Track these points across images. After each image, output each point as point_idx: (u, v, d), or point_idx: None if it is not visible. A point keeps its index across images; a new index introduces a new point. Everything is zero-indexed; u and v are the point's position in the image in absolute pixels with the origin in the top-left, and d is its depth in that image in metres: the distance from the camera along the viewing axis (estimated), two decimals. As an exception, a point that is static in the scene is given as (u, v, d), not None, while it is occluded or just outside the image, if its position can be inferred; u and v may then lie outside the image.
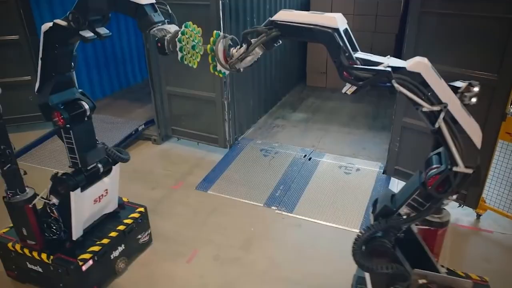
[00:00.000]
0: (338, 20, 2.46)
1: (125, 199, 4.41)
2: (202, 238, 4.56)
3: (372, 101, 8.46)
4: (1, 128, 3.28)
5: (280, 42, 2.70)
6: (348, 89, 2.53)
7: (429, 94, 2.23)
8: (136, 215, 4.20)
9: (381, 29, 8.42)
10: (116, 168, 3.99)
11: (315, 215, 4.85)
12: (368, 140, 6.71)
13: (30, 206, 3.48)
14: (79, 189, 3.58)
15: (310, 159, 6.02)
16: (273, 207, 5.06)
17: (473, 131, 2.32)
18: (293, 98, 8.84)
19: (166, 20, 2.85)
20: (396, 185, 5.42)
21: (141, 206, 4.35)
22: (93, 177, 3.74)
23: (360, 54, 2.50)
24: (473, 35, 4.23)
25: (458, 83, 2.39)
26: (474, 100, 2.37)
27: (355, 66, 2.39)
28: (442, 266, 2.93)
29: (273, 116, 7.83)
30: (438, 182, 2.35)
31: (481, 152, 2.41)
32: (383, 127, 7.05)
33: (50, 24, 3.14)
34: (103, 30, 3.19)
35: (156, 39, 2.74)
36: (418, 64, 2.26)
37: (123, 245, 3.99)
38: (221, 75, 2.78)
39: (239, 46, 2.63)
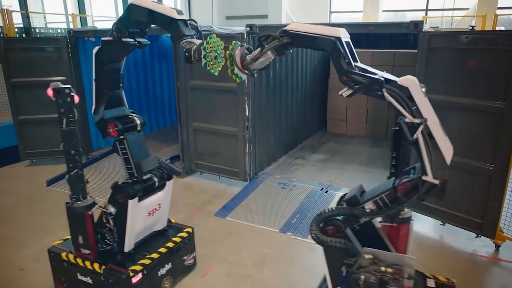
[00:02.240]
0: (341, 32, 2.85)
1: (172, 220, 4.44)
2: (217, 257, 4.66)
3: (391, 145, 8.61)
4: (74, 133, 3.44)
5: (291, 51, 3.08)
6: (345, 91, 2.86)
7: (413, 108, 2.51)
8: (184, 234, 4.21)
9: (398, 79, 8.78)
10: (169, 184, 4.09)
11: (330, 241, 4.87)
12: (385, 178, 6.75)
13: (90, 213, 3.59)
14: (136, 199, 3.68)
15: (327, 191, 6.14)
16: (288, 233, 5.13)
17: (446, 148, 2.53)
18: (313, 142, 9.13)
19: (194, 35, 3.31)
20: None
21: (189, 227, 4.36)
22: (149, 189, 3.85)
23: (359, 64, 2.84)
24: (478, 66, 4.50)
25: None
26: None
27: (354, 71, 2.73)
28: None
29: (292, 156, 8.10)
30: (408, 188, 2.61)
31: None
32: (401, 168, 7.11)
33: (99, 46, 3.68)
34: (142, 40, 3.68)
35: (184, 49, 3.18)
36: (407, 79, 2.57)
37: (170, 264, 3.97)
38: (238, 80, 3.14)
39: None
